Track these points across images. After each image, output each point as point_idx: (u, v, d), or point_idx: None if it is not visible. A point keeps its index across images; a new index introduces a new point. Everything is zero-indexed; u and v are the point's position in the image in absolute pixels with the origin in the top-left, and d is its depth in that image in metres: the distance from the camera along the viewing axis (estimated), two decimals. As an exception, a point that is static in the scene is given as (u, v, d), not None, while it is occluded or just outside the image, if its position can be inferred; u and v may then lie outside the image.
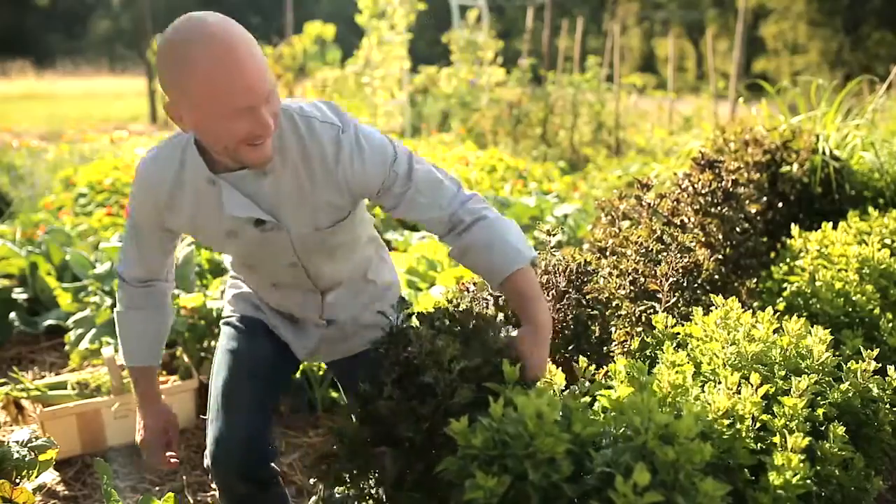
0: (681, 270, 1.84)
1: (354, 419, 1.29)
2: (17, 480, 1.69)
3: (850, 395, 1.46)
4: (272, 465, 1.63)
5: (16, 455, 1.70)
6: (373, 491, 1.25)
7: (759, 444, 1.28)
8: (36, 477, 1.72)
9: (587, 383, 1.40)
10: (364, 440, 1.27)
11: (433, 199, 1.47)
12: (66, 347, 3.04)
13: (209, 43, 1.20)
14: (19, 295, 3.55)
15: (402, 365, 1.27)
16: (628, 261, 1.89)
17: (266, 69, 1.26)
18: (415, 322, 1.47)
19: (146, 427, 1.67)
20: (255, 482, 1.58)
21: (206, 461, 1.58)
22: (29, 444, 1.75)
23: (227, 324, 1.77)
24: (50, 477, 2.36)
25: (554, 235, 1.86)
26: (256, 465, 1.57)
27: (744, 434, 1.25)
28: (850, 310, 1.97)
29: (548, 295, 1.74)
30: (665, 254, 1.90)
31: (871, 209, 2.66)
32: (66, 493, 2.35)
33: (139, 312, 1.65)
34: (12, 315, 3.43)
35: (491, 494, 0.98)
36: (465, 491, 0.99)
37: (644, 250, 1.93)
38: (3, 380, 2.72)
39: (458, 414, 1.11)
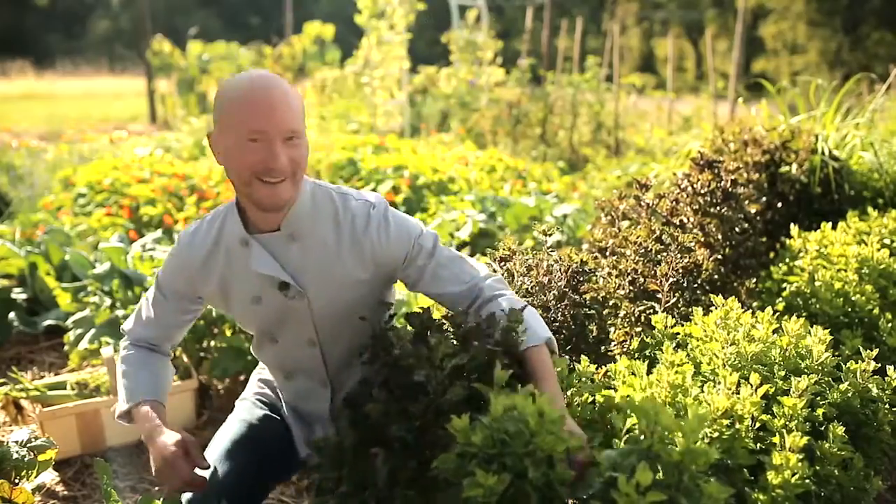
0: (681, 271, 1.84)
1: (345, 423, 1.30)
2: (17, 480, 1.68)
3: (850, 395, 1.46)
4: None
5: (15, 455, 1.70)
6: (364, 494, 1.24)
7: (758, 444, 1.28)
8: (35, 477, 1.72)
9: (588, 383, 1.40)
10: (346, 447, 1.26)
11: (455, 274, 1.52)
12: (66, 347, 3.04)
13: (252, 79, 1.37)
14: (19, 295, 3.55)
15: (390, 366, 1.27)
16: (627, 261, 1.89)
17: (295, 114, 1.37)
18: (398, 323, 1.47)
19: (161, 448, 1.45)
20: None
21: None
22: (28, 445, 1.75)
23: (245, 399, 1.78)
24: (49, 477, 2.37)
25: (550, 235, 1.86)
26: None
27: (743, 434, 1.25)
28: (850, 310, 1.97)
29: (548, 295, 1.74)
30: (665, 254, 1.90)
31: (870, 209, 2.66)
32: (65, 493, 2.34)
33: (143, 351, 1.66)
34: (11, 315, 3.43)
35: (490, 493, 0.98)
36: (464, 489, 0.99)
37: (643, 250, 1.93)
38: (2, 380, 2.72)
39: (450, 412, 1.11)
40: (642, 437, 1.05)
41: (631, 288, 1.85)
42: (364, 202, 1.53)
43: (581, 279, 1.78)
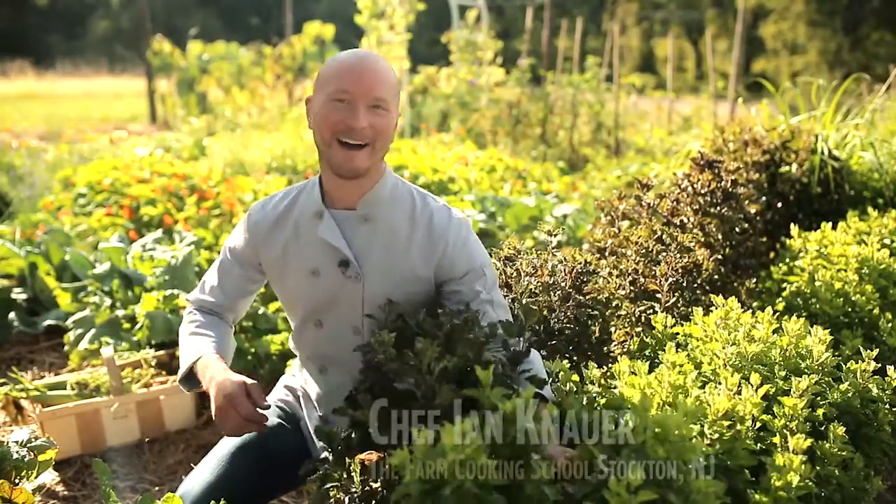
0: (680, 271, 1.84)
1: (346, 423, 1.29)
2: (17, 480, 1.68)
3: (850, 395, 1.46)
4: None
5: (15, 455, 1.69)
6: (363, 492, 1.24)
7: (758, 445, 1.28)
8: (35, 477, 1.72)
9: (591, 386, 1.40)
10: (350, 445, 1.26)
11: (501, 320, 1.49)
12: (66, 347, 3.04)
13: (353, 51, 1.49)
14: (19, 295, 3.55)
15: (374, 371, 1.26)
16: (628, 261, 1.89)
17: (385, 85, 1.43)
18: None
19: (222, 386, 1.42)
20: None
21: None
22: (28, 445, 1.75)
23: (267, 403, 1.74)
24: (49, 477, 2.37)
25: (556, 236, 1.86)
26: None
27: (744, 435, 1.25)
28: (850, 310, 1.97)
29: (553, 295, 1.74)
30: (665, 254, 1.90)
31: (870, 209, 2.66)
32: (65, 493, 2.34)
33: (207, 315, 1.67)
34: (12, 315, 3.43)
35: None
36: None
37: (644, 250, 1.93)
38: (2, 380, 2.72)
39: (443, 417, 1.10)
40: (636, 434, 1.05)
41: (632, 288, 1.85)
42: (444, 207, 1.57)
43: (585, 280, 1.77)
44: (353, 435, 1.27)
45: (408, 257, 1.51)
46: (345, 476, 1.25)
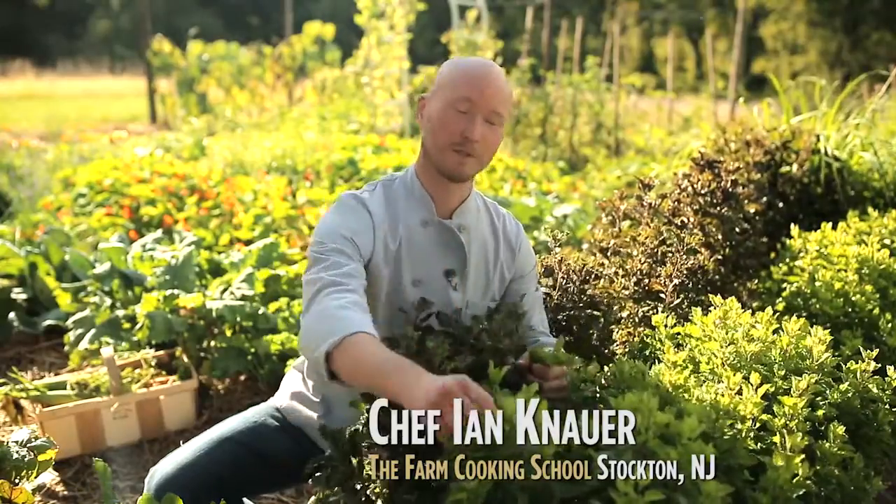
0: (685, 272, 1.84)
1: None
2: (17, 480, 1.68)
3: (850, 395, 1.46)
4: None
5: (15, 455, 1.69)
6: (367, 492, 1.24)
7: (758, 444, 1.28)
8: (35, 477, 1.72)
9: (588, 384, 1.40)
10: (357, 443, 1.25)
11: (540, 318, 1.66)
12: (66, 347, 3.04)
13: (477, 59, 1.49)
14: (19, 295, 3.55)
15: None
16: (634, 261, 1.90)
17: (503, 99, 1.45)
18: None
19: (433, 378, 1.08)
20: None
21: (151, 481, 1.49)
22: (28, 445, 1.75)
23: (268, 405, 1.70)
24: (49, 477, 2.37)
25: (560, 239, 1.87)
26: None
27: (744, 434, 1.25)
28: (850, 310, 1.97)
29: (564, 297, 1.75)
30: (669, 255, 1.91)
31: (870, 209, 2.65)
32: (65, 493, 2.34)
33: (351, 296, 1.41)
34: (12, 315, 3.43)
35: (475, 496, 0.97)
36: (450, 493, 0.97)
37: (650, 251, 1.93)
38: (2, 380, 2.72)
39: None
40: (637, 434, 1.05)
41: (636, 289, 1.86)
42: (505, 211, 1.66)
43: (588, 280, 1.79)
44: (358, 432, 1.26)
45: (498, 264, 1.59)
46: (351, 473, 1.25)
